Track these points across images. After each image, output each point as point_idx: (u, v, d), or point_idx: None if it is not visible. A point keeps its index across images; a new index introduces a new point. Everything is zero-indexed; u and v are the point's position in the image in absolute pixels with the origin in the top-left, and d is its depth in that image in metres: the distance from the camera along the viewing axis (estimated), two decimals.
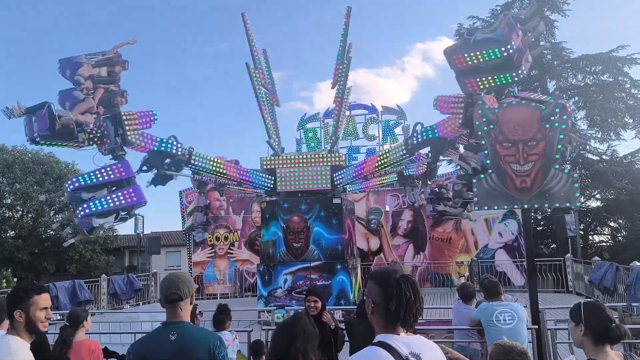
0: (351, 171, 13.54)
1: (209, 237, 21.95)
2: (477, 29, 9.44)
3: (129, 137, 11.07)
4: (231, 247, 22.03)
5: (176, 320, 3.12)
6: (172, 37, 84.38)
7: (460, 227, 20.29)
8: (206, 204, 15.00)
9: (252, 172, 13.66)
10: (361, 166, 13.45)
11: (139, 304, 19.37)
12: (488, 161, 7.31)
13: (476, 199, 7.31)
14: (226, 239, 22.02)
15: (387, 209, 21.23)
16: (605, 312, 2.93)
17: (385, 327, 2.23)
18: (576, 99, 28.12)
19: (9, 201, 35.06)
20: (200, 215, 14.64)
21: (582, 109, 27.98)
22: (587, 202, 27.89)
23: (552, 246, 27.62)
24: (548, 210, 24.80)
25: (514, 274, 18.77)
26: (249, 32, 14.34)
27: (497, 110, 7.26)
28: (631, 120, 27.22)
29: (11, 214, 36.19)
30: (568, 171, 7.15)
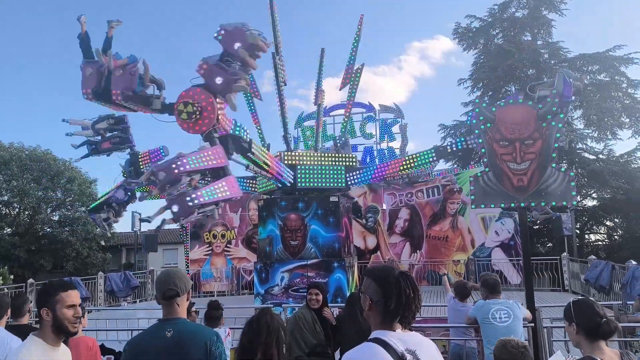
0: (370, 173, 13.84)
1: (206, 235, 21.95)
2: (539, 85, 9.42)
3: (141, 169, 12.23)
4: (228, 245, 22.01)
5: (173, 317, 3.11)
6: (181, 31, 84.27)
7: (457, 225, 20.32)
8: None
9: (283, 167, 13.12)
10: (383, 168, 13.71)
11: (135, 302, 19.36)
12: (485, 159, 7.33)
13: (473, 197, 7.32)
14: (223, 236, 22.01)
15: (384, 207, 21.24)
16: (594, 309, 2.98)
17: (382, 323, 2.24)
18: (573, 98, 28.17)
19: (5, 198, 35.01)
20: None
21: (578, 108, 28.07)
22: (583, 201, 27.98)
23: (549, 245, 27.71)
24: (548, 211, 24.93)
25: (510, 273, 18.81)
26: (276, 22, 14.18)
27: (494, 109, 7.28)
28: (627, 120, 27.32)
29: (8, 211, 36.14)
30: (564, 170, 7.16)
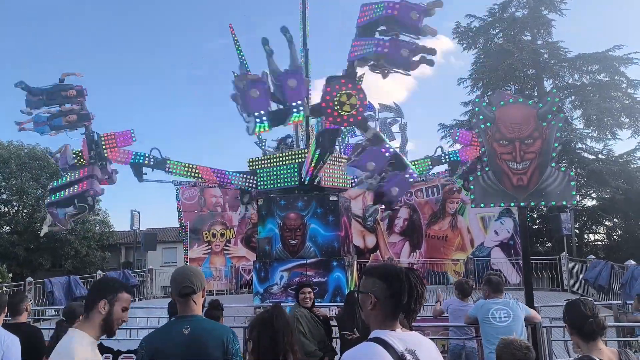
0: (304, 167, 13.60)
1: (205, 234, 21.93)
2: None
3: (106, 155, 13.24)
4: (227, 244, 22.01)
5: (189, 314, 3.09)
6: (168, 33, 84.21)
7: (456, 225, 20.32)
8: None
9: (230, 174, 14.24)
10: (307, 161, 13.44)
11: (134, 300, 19.32)
12: (485, 159, 7.32)
13: (472, 197, 7.31)
14: (222, 235, 22.00)
15: (383, 206, 21.21)
16: (580, 309, 3.04)
17: (384, 322, 2.24)
18: (573, 98, 28.20)
19: (4, 196, 34.96)
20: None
21: (578, 108, 28.06)
22: (582, 201, 27.98)
23: (548, 245, 27.69)
24: (544, 208, 24.94)
25: (509, 272, 18.80)
26: (236, 42, 14.67)
27: (495, 108, 7.27)
28: (627, 120, 27.30)
29: (7, 209, 36.08)
30: (564, 170, 7.15)
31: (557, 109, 7.19)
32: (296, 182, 13.77)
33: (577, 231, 26.20)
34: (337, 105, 10.15)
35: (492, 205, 7.45)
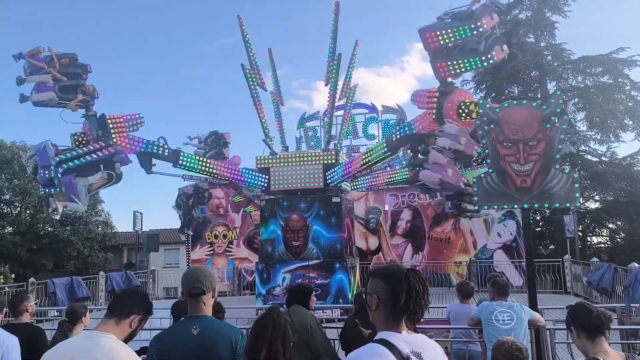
0: (340, 169, 13.54)
1: (208, 235, 21.94)
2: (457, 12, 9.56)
3: (114, 140, 11.32)
4: (230, 245, 22.02)
5: (198, 314, 3.12)
6: (168, 35, 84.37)
7: (459, 227, 20.29)
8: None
9: (244, 171, 13.76)
10: (349, 165, 13.39)
11: None
12: (488, 160, 7.30)
13: (476, 199, 7.29)
14: (225, 236, 22.02)
15: (386, 208, 21.22)
16: (585, 306, 3.08)
17: (389, 323, 2.22)
18: (576, 100, 28.13)
19: (7, 197, 35.05)
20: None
21: (581, 110, 28.00)
22: (585, 204, 27.90)
23: (551, 247, 27.64)
24: (547, 210, 24.88)
25: (512, 275, 18.76)
26: (245, 34, 14.46)
27: (498, 110, 7.24)
28: (631, 122, 27.23)
29: (9, 210, 36.17)
30: (568, 171, 7.13)
31: (561, 110, 7.16)
32: (320, 183, 13.70)
33: (580, 234, 26.13)
34: (464, 110, 10.13)
35: (495, 208, 7.43)
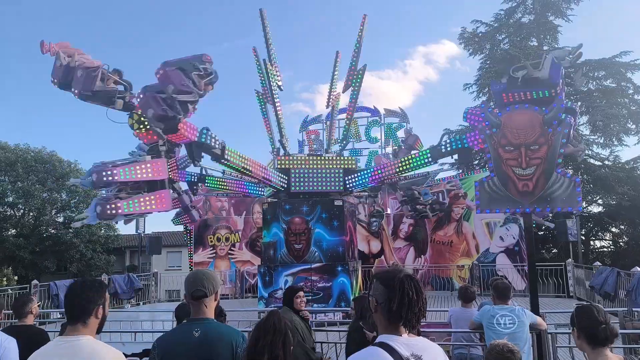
0: (367, 175, 13.54)
1: (210, 238, 21.95)
2: (522, 67, 9.28)
3: (178, 124, 9.33)
4: (232, 248, 22.01)
5: (200, 317, 3.14)
6: (174, 38, 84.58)
7: (461, 230, 20.26)
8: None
9: (272, 172, 13.28)
10: (380, 170, 13.29)
11: (139, 304, 19.36)
12: (490, 164, 7.32)
13: (478, 202, 7.30)
14: (227, 239, 22.01)
15: (388, 211, 21.20)
16: (594, 314, 2.97)
17: (388, 326, 2.23)
18: (579, 104, 28.11)
19: (10, 199, 35.14)
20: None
21: (584, 114, 27.97)
22: (588, 208, 27.86)
23: (554, 251, 27.58)
24: (550, 215, 24.83)
25: (514, 278, 18.71)
26: (267, 29, 14.20)
27: (500, 114, 7.27)
28: (634, 126, 27.22)
29: (13, 212, 36.25)
30: (570, 176, 7.13)
31: (567, 109, 7.17)
32: (341, 187, 13.71)
33: (583, 238, 26.09)
34: (129, 117, 9.75)
35: (497, 211, 7.44)
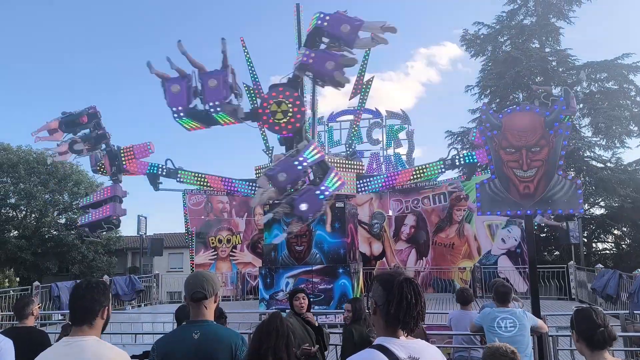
0: (380, 181, 14.28)
1: (212, 239, 21.95)
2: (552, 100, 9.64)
3: (125, 167, 14.30)
4: (233, 250, 22.00)
5: (200, 319, 3.13)
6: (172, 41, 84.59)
7: (463, 232, 20.23)
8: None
9: (237, 182, 14.91)
10: (393, 177, 14.22)
11: (140, 305, 19.37)
12: (491, 166, 7.30)
13: (479, 204, 7.29)
14: (229, 241, 21.98)
15: (390, 213, 21.19)
16: (592, 318, 2.96)
17: (386, 328, 2.23)
18: (581, 106, 28.09)
19: (12, 201, 35.16)
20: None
21: (586, 116, 27.96)
22: (590, 210, 27.81)
23: (555, 253, 27.52)
24: (551, 217, 24.79)
25: (516, 281, 18.67)
26: (247, 55, 15.85)
27: (501, 116, 7.26)
28: (636, 128, 27.18)
29: (15, 213, 36.28)
30: (572, 177, 7.12)
31: (564, 117, 7.16)
32: (354, 190, 14.43)
33: (585, 240, 26.03)
34: (270, 113, 10.13)
35: (498, 213, 7.42)
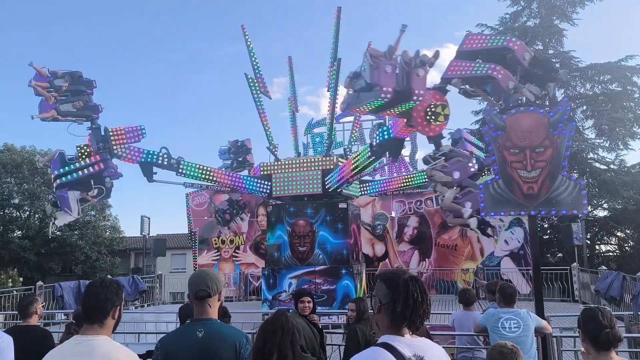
0: (335, 175, 13.57)
1: (214, 240, 21.97)
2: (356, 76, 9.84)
3: (115, 151, 12.12)
4: (236, 250, 22.01)
5: (204, 317, 3.13)
6: (177, 42, 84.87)
7: (466, 234, 20.19)
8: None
9: (244, 178, 13.99)
10: (342, 170, 13.45)
11: (143, 306, 19.39)
12: (495, 167, 7.30)
13: (483, 205, 7.28)
14: (232, 242, 22.01)
15: (393, 214, 21.18)
16: (598, 318, 2.97)
17: (390, 327, 2.23)
18: (584, 108, 28.03)
19: (16, 201, 35.26)
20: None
21: (590, 118, 27.88)
22: (594, 212, 27.72)
23: (559, 255, 27.46)
24: (555, 217, 24.76)
25: (519, 282, 18.63)
26: (249, 43, 14.88)
27: (505, 117, 7.25)
28: (639, 130, 27.09)
29: (19, 214, 36.37)
30: (575, 179, 7.11)
31: (568, 117, 7.16)
32: (319, 189, 13.79)
33: (589, 242, 25.95)
34: (431, 114, 10.22)
35: (502, 214, 7.41)
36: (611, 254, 29.06)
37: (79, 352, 2.69)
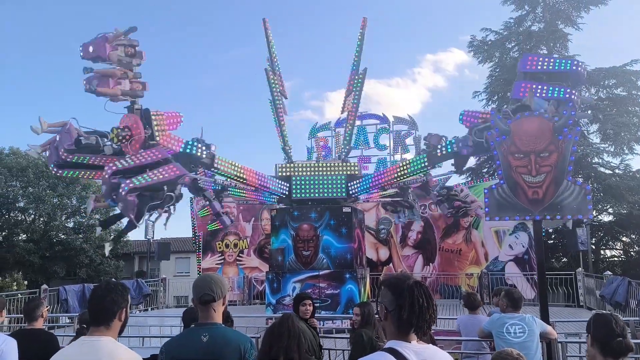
0: (368, 181, 13.49)
1: (219, 244, 21.98)
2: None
3: (157, 138, 10.10)
4: (240, 254, 22.02)
5: (208, 322, 3.13)
6: (184, 45, 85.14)
7: (470, 238, 20.16)
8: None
9: (269, 179, 13.51)
10: (379, 176, 13.26)
11: (147, 309, 19.40)
12: (500, 172, 7.30)
13: (487, 210, 7.27)
14: (235, 246, 22.02)
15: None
16: (611, 325, 2.91)
17: (397, 333, 2.22)
18: (589, 112, 27.96)
19: (21, 204, 35.37)
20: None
21: (595, 122, 27.81)
22: (599, 217, 27.60)
23: (563, 260, 27.35)
24: (561, 223, 24.64)
25: (524, 287, 18.57)
26: (270, 38, 14.40)
27: (510, 122, 7.25)
28: None
29: (24, 217, 36.49)
30: (580, 183, 7.10)
31: (574, 122, 7.15)
32: (343, 193, 13.66)
33: (594, 247, 25.84)
34: (110, 138, 9.56)
35: (507, 219, 7.40)
36: (616, 259, 28.93)
37: (84, 353, 2.74)
